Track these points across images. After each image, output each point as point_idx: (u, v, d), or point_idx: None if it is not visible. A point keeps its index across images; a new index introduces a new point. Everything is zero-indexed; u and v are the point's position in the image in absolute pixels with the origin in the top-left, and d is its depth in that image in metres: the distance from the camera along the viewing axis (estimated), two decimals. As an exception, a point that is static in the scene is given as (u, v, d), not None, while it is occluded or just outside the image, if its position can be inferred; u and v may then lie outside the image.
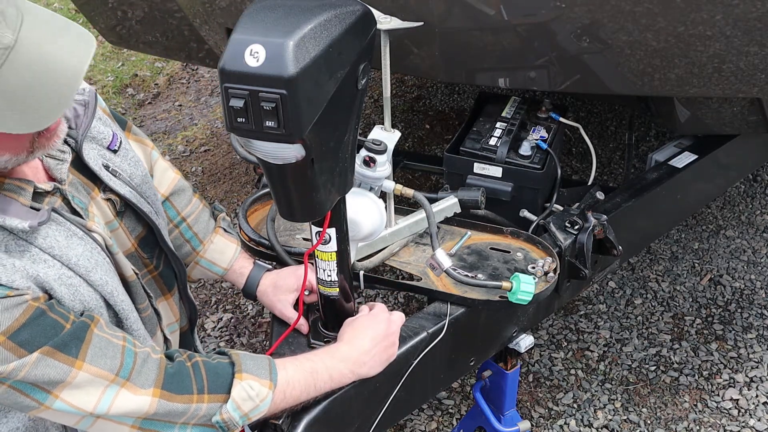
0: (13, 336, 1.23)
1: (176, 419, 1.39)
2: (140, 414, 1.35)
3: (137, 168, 1.60)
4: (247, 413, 1.43)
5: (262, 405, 1.44)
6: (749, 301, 3.17)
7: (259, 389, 1.44)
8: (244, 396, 1.42)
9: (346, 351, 1.58)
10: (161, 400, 1.36)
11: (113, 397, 1.32)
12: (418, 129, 4.27)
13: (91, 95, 1.50)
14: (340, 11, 1.31)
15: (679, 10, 1.82)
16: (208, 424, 1.42)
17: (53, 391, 1.28)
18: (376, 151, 1.72)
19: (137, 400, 1.34)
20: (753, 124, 2.35)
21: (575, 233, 2.05)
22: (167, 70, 5.07)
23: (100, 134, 1.54)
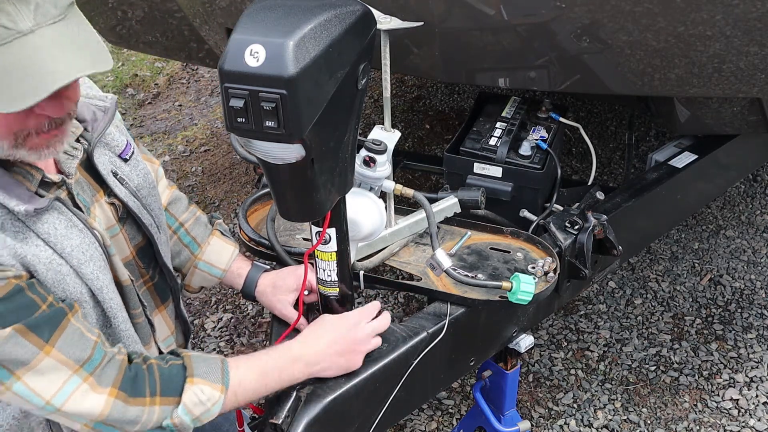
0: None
1: (128, 426, 1.40)
2: (94, 416, 1.36)
3: (145, 180, 1.61)
4: (198, 416, 1.45)
5: (214, 408, 1.47)
6: (749, 301, 3.17)
7: (210, 393, 1.46)
8: (195, 401, 1.44)
9: (298, 350, 1.60)
10: (117, 401, 1.37)
11: (72, 390, 1.33)
12: (418, 129, 4.27)
13: (112, 102, 1.54)
14: (340, 11, 1.31)
15: (679, 10, 1.82)
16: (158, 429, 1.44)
17: (16, 371, 1.29)
18: (376, 151, 1.72)
19: (94, 399, 1.35)
20: (753, 124, 2.35)
21: (575, 233, 2.05)
22: (167, 70, 5.07)
23: (114, 141, 1.56)
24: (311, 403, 1.59)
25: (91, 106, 1.51)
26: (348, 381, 1.64)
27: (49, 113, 1.27)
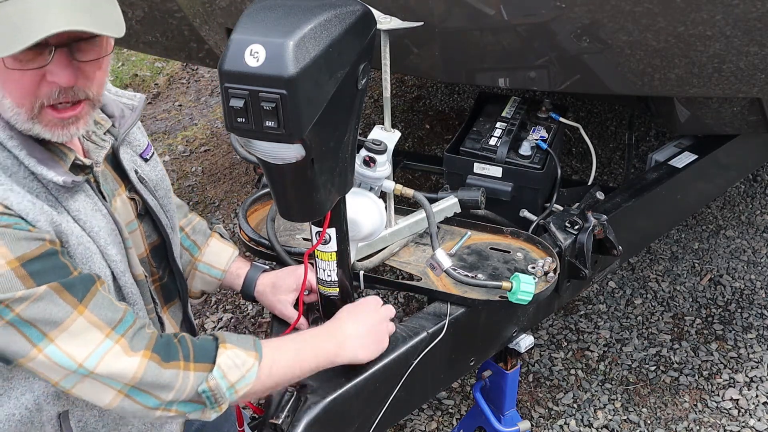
0: (26, 264, 1.26)
1: (163, 393, 1.38)
2: (127, 378, 1.34)
3: (162, 181, 1.65)
4: (234, 384, 1.43)
5: (249, 375, 1.44)
6: (749, 301, 3.17)
7: (244, 358, 1.44)
8: (229, 364, 1.42)
9: (332, 331, 1.60)
10: (151, 363, 1.35)
11: (105, 352, 1.32)
12: (418, 129, 4.27)
13: (141, 102, 1.59)
14: (340, 11, 1.31)
15: (679, 10, 1.82)
16: (194, 400, 1.41)
17: (49, 333, 1.28)
18: (376, 151, 1.72)
19: (127, 361, 1.34)
20: (753, 124, 2.35)
21: (575, 233, 2.05)
22: (167, 70, 5.07)
23: (136, 141, 1.61)
24: (311, 403, 1.59)
25: (120, 103, 1.57)
26: (348, 381, 1.64)
27: (57, 80, 1.29)
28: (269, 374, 1.48)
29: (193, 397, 1.41)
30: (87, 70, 1.32)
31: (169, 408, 1.40)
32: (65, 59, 1.28)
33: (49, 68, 1.28)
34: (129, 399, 1.36)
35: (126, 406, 1.37)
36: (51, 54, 1.27)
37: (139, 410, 1.38)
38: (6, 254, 1.25)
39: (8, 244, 1.25)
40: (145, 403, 1.38)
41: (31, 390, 1.42)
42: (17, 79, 1.27)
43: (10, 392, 1.41)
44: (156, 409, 1.39)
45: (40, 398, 1.43)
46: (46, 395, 1.43)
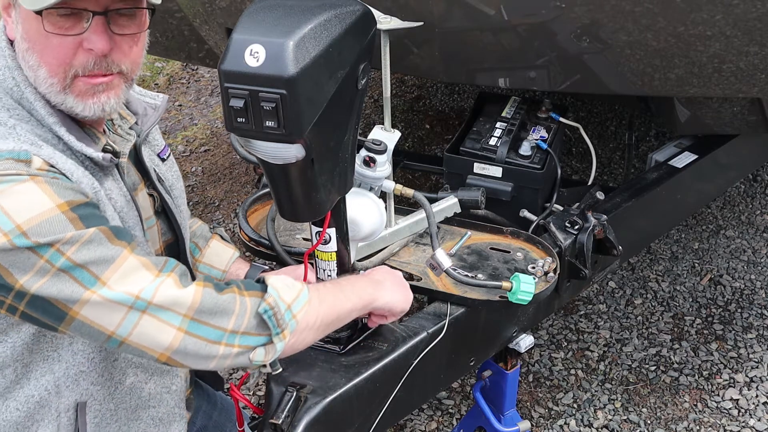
0: (74, 209, 1.27)
1: (224, 320, 1.34)
2: (186, 304, 1.31)
3: (178, 181, 1.68)
4: (290, 305, 1.39)
5: (302, 296, 1.41)
6: (749, 301, 3.17)
7: (292, 282, 1.43)
8: (280, 285, 1.40)
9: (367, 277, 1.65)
10: (206, 290, 1.34)
11: (159, 284, 1.30)
12: (418, 129, 4.27)
13: (163, 101, 1.62)
14: (340, 11, 1.31)
15: (679, 10, 1.82)
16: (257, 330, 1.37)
17: (101, 275, 1.27)
18: (376, 151, 1.72)
19: (182, 291, 1.32)
20: (753, 124, 2.35)
21: (575, 233, 2.05)
22: (167, 70, 5.07)
23: (155, 140, 1.65)
24: (311, 403, 1.59)
25: (143, 102, 1.59)
26: (348, 381, 1.64)
27: (94, 47, 1.32)
28: (320, 301, 1.46)
29: (255, 325, 1.37)
30: (123, 44, 1.36)
31: (231, 342, 1.35)
32: (102, 27, 1.32)
33: (85, 36, 1.32)
34: (190, 336, 1.32)
35: (188, 344, 1.32)
36: (88, 21, 1.31)
37: (201, 348, 1.33)
38: (55, 199, 1.26)
39: (57, 191, 1.27)
40: (207, 336, 1.33)
41: (51, 371, 1.42)
42: (55, 45, 1.31)
43: (29, 374, 1.41)
44: (219, 343, 1.34)
45: (60, 380, 1.43)
46: (66, 377, 1.43)
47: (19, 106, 1.36)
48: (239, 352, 1.37)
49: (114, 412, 1.51)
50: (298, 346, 1.46)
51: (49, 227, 1.24)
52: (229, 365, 1.39)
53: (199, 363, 1.37)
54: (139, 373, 1.53)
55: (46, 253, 1.24)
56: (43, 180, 1.27)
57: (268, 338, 1.38)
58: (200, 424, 1.85)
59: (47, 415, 1.44)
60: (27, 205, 1.24)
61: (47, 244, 1.24)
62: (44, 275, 1.25)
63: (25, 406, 1.42)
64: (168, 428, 1.61)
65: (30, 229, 1.23)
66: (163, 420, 1.59)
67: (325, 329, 1.50)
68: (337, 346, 1.71)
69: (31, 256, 1.24)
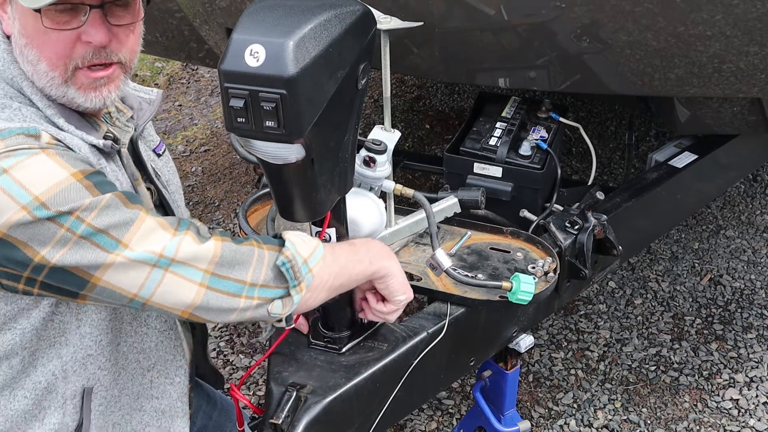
0: (88, 176, 1.29)
1: (243, 272, 1.36)
2: (207, 258, 1.33)
3: (174, 176, 1.69)
4: (307, 259, 1.41)
5: (317, 251, 1.43)
6: (749, 301, 3.17)
7: (308, 239, 1.44)
8: (297, 240, 1.42)
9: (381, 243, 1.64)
10: (225, 243, 1.36)
11: (179, 241, 1.32)
12: (418, 129, 4.27)
13: (158, 97, 1.63)
14: (340, 11, 1.31)
15: (679, 10, 1.82)
16: (276, 283, 1.39)
17: (122, 238, 1.28)
18: (376, 151, 1.72)
19: (201, 246, 1.33)
20: (753, 124, 2.35)
21: (575, 233, 2.05)
22: (167, 70, 5.07)
23: (150, 136, 1.67)
24: (311, 403, 1.59)
25: (138, 97, 1.61)
26: (348, 381, 1.64)
27: (92, 39, 1.35)
28: (333, 258, 1.47)
29: (273, 278, 1.39)
30: (120, 34, 1.39)
31: (251, 295, 1.38)
32: (99, 19, 1.35)
33: (84, 29, 1.34)
34: (211, 290, 1.34)
35: (210, 299, 1.35)
36: (86, 15, 1.33)
37: (223, 302, 1.36)
38: (69, 168, 1.28)
39: (68, 161, 1.29)
40: (228, 289, 1.35)
41: (59, 356, 1.43)
42: (54, 40, 1.34)
43: (36, 361, 1.42)
44: (239, 296, 1.37)
45: (68, 365, 1.44)
46: (74, 361, 1.44)
47: (20, 95, 1.39)
48: (258, 304, 1.39)
49: (118, 399, 1.52)
50: (312, 303, 1.48)
51: (68, 195, 1.26)
52: (249, 317, 1.42)
53: (221, 316, 1.39)
54: (142, 359, 1.54)
55: (67, 222, 1.25)
56: (54, 152, 1.29)
57: (286, 290, 1.41)
58: (200, 423, 1.86)
59: (54, 401, 1.45)
60: (42, 177, 1.26)
61: (67, 212, 1.25)
62: (65, 244, 1.26)
63: (32, 393, 1.43)
64: (171, 423, 1.61)
65: (49, 199, 1.24)
66: (166, 413, 1.60)
67: (336, 289, 1.51)
68: (337, 346, 1.71)
69: (51, 226, 1.25)
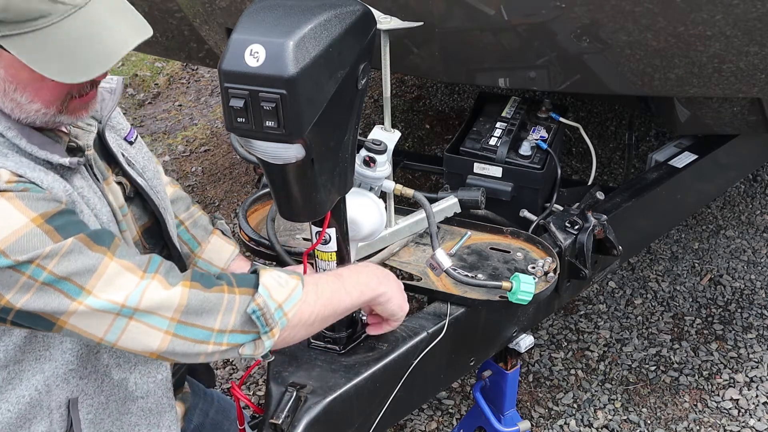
0: (49, 220, 1.26)
1: (211, 320, 1.34)
2: (173, 307, 1.31)
3: (150, 162, 1.65)
4: (282, 304, 1.38)
5: (295, 294, 1.40)
6: (749, 301, 3.17)
7: (287, 279, 1.42)
8: (273, 283, 1.39)
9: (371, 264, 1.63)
10: (192, 290, 1.33)
11: (144, 288, 1.30)
12: (418, 129, 4.27)
13: (119, 84, 1.60)
14: (340, 11, 1.31)
15: (679, 10, 1.82)
16: (244, 328, 1.37)
17: (86, 285, 1.27)
18: (376, 151, 1.72)
19: (168, 292, 1.31)
20: (753, 124, 2.35)
21: (575, 233, 2.05)
22: (167, 70, 5.07)
23: (119, 125, 1.62)
24: (311, 403, 1.59)
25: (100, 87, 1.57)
26: (348, 381, 1.64)
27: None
28: (316, 297, 1.45)
29: (242, 324, 1.37)
30: None
31: (220, 341, 1.36)
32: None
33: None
34: (178, 338, 1.33)
35: (176, 346, 1.33)
36: None
37: (189, 348, 1.34)
38: (28, 213, 1.25)
39: (29, 204, 1.26)
40: (195, 336, 1.34)
41: (42, 371, 1.42)
42: (53, 86, 1.31)
43: (21, 375, 1.41)
44: (207, 343, 1.35)
45: (50, 379, 1.43)
46: (55, 376, 1.43)
47: None
48: (227, 349, 1.38)
49: (105, 406, 1.51)
50: (291, 341, 1.46)
51: (27, 243, 1.23)
52: (218, 359, 1.42)
53: (189, 359, 1.39)
54: (122, 363, 1.53)
55: (28, 270, 1.24)
56: (14, 195, 1.26)
57: (257, 335, 1.39)
58: (197, 421, 1.85)
59: (39, 413, 1.44)
60: (1, 224, 1.23)
61: (27, 261, 1.23)
62: (28, 290, 1.25)
63: (16, 407, 1.42)
64: (159, 419, 1.61)
65: (7, 247, 1.22)
66: (153, 411, 1.59)
67: (321, 323, 1.50)
68: (337, 346, 1.71)
69: (12, 274, 1.24)
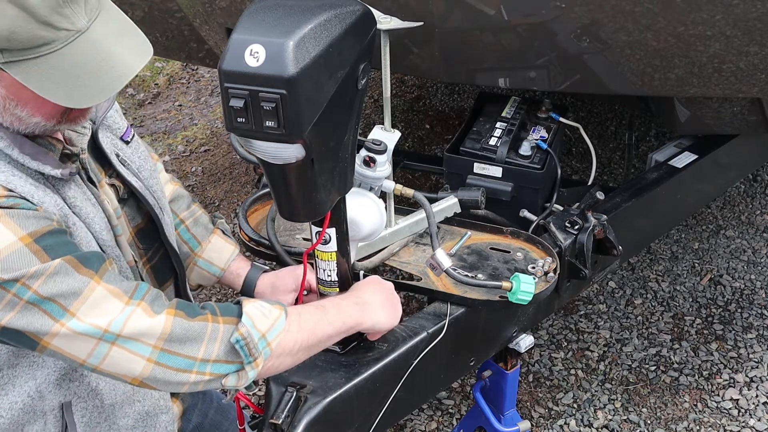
0: (38, 240, 1.26)
1: (195, 349, 1.35)
2: (156, 335, 1.32)
3: (146, 162, 1.64)
4: (265, 333, 1.39)
5: (278, 324, 1.42)
6: (749, 301, 3.17)
7: (270, 308, 1.43)
8: (257, 313, 1.40)
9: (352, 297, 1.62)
10: (176, 318, 1.34)
11: (128, 315, 1.30)
12: (418, 129, 4.27)
13: None
14: (340, 11, 1.31)
15: (679, 10, 1.82)
16: (228, 358, 1.38)
17: (70, 307, 1.27)
18: (376, 151, 1.72)
19: (152, 320, 1.32)
20: (753, 124, 2.35)
21: (575, 233, 2.05)
22: (167, 70, 5.07)
23: (115, 124, 1.61)
24: (311, 403, 1.59)
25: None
26: (348, 381, 1.64)
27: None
28: (299, 327, 1.46)
29: (226, 353, 1.38)
30: None
31: (203, 370, 1.37)
32: None
33: None
34: (160, 366, 1.33)
35: (158, 374, 1.34)
36: None
37: (172, 377, 1.35)
38: (17, 231, 1.24)
39: (18, 222, 1.25)
40: (178, 365, 1.34)
41: (33, 377, 1.42)
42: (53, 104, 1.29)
43: (14, 380, 1.41)
44: (190, 372, 1.35)
45: (42, 386, 1.43)
46: (47, 383, 1.43)
47: None
48: (210, 379, 1.38)
49: (101, 410, 1.51)
50: (275, 370, 1.47)
51: (13, 262, 1.23)
52: (201, 389, 1.42)
53: (172, 388, 1.39)
54: None
55: (13, 288, 1.24)
56: (4, 212, 1.25)
57: (240, 365, 1.40)
58: (195, 421, 1.85)
59: (33, 417, 1.45)
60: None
61: (13, 280, 1.23)
62: (12, 308, 1.25)
63: (9, 413, 1.42)
64: (155, 420, 1.61)
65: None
66: (149, 413, 1.60)
67: (305, 353, 1.50)
68: (337, 346, 1.71)
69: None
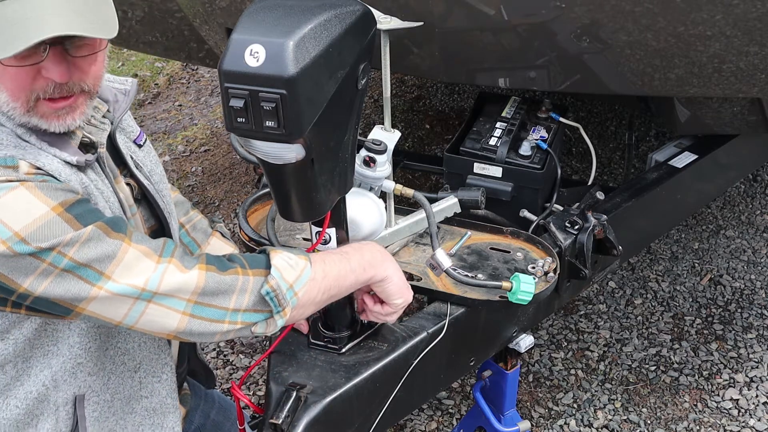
0: (69, 209, 1.29)
1: (226, 300, 1.38)
2: (190, 289, 1.35)
3: (157, 166, 1.67)
4: (292, 284, 1.42)
5: (304, 274, 1.44)
6: (749, 301, 3.17)
7: (296, 260, 1.44)
8: (284, 265, 1.42)
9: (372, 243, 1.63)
10: (209, 273, 1.37)
11: (162, 272, 1.33)
12: (418, 129, 4.27)
13: (133, 85, 1.62)
14: (340, 11, 1.31)
15: (679, 10, 1.82)
16: (258, 308, 1.41)
17: (105, 270, 1.30)
18: (376, 151, 1.72)
19: (185, 276, 1.35)
20: (753, 124, 2.35)
21: (575, 233, 2.05)
22: (167, 70, 5.07)
23: (129, 127, 1.63)
24: (311, 403, 1.59)
25: (113, 88, 1.59)
26: (348, 381, 1.64)
27: (52, 76, 1.32)
28: (324, 275, 1.47)
29: (256, 303, 1.41)
30: (82, 65, 1.35)
31: (234, 320, 1.40)
32: (59, 56, 1.31)
33: (44, 64, 1.30)
34: (194, 318, 1.37)
35: (194, 326, 1.38)
36: (45, 51, 1.30)
37: (206, 328, 1.38)
38: (49, 202, 1.28)
39: (48, 194, 1.28)
40: (211, 316, 1.38)
41: (49, 366, 1.44)
42: (13, 75, 1.31)
43: (29, 370, 1.43)
44: (222, 322, 1.39)
45: (57, 374, 1.44)
46: (63, 371, 1.45)
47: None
48: (242, 327, 1.42)
49: (111, 404, 1.52)
50: (300, 318, 1.52)
51: (48, 231, 1.26)
52: (233, 337, 1.46)
53: (205, 338, 1.43)
54: (128, 360, 1.54)
55: (48, 257, 1.26)
56: (34, 184, 1.28)
57: (270, 314, 1.43)
58: (198, 422, 1.86)
59: (46, 409, 1.46)
60: (22, 212, 1.26)
61: (49, 248, 1.26)
62: (48, 277, 1.27)
63: (24, 402, 1.43)
64: (163, 420, 1.62)
65: (29, 235, 1.25)
66: (157, 411, 1.60)
67: (328, 300, 1.53)
68: (337, 346, 1.71)
69: (33, 261, 1.26)
